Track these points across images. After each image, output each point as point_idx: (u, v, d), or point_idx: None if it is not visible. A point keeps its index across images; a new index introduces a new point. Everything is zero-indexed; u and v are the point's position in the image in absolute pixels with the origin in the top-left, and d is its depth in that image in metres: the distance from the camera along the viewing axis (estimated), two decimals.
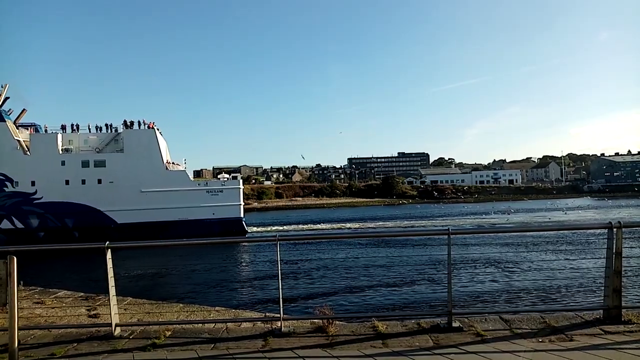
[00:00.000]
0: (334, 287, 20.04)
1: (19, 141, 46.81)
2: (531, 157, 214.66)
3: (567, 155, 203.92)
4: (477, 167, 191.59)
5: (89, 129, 51.37)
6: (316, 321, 6.18)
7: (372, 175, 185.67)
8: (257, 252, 35.13)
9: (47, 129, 50.60)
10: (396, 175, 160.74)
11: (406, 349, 5.03)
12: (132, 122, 50.76)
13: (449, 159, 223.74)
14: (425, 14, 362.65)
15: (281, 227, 58.25)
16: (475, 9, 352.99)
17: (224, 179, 55.58)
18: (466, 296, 16.97)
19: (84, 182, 47.76)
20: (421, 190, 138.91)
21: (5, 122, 46.38)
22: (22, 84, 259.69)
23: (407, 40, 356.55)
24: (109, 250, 5.78)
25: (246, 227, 52.09)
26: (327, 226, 58.55)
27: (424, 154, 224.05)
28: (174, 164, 54.05)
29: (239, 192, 52.73)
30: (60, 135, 49.19)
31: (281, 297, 5.94)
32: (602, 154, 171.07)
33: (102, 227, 45.61)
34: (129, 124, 50.62)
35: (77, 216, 46.87)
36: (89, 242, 7.28)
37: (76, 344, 5.65)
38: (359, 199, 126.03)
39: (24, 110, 52.87)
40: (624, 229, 5.63)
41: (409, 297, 17.73)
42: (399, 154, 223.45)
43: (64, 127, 50.33)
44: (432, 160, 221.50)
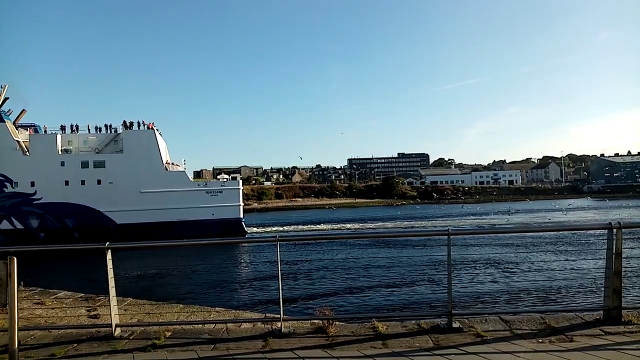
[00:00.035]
0: (334, 288, 20.03)
1: (18, 142, 46.82)
2: (531, 158, 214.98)
3: (567, 155, 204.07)
4: (477, 168, 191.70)
5: (89, 130, 51.40)
6: (316, 322, 6.18)
7: (372, 175, 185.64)
8: (257, 252, 35.13)
9: (46, 130, 50.59)
10: (396, 175, 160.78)
11: (406, 350, 5.03)
12: (132, 123, 50.79)
13: (449, 160, 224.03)
14: (425, 14, 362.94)
15: (281, 228, 58.25)
16: (475, 9, 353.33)
17: (224, 180, 55.61)
18: (466, 297, 16.95)
19: (83, 182, 47.78)
20: (421, 190, 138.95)
21: (4, 122, 46.39)
22: (22, 84, 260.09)
23: (407, 40, 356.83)
24: (109, 250, 5.79)
25: (246, 228, 52.12)
26: (327, 227, 58.59)
27: (424, 154, 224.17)
28: (173, 164, 54.05)
29: (238, 192, 52.72)
30: (59, 135, 49.19)
31: (281, 298, 5.94)
32: (602, 155, 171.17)
33: (101, 228, 45.61)
34: (128, 124, 50.61)
35: (76, 217, 46.89)
36: (89, 243, 7.28)
37: (76, 345, 5.65)
38: (359, 200, 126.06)
39: (23, 110, 52.98)
40: (624, 230, 5.64)
41: (409, 297, 17.72)
42: (398, 154, 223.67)
43: (63, 128, 50.37)
44: (432, 160, 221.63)
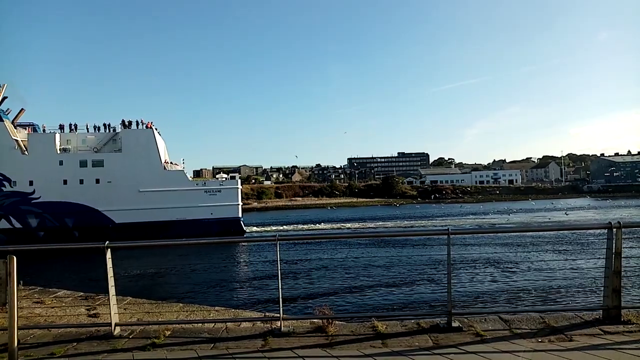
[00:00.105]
0: (333, 287, 20.03)
1: (17, 141, 46.71)
2: (531, 157, 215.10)
3: (567, 155, 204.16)
4: (477, 167, 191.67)
5: (87, 129, 51.34)
6: (316, 321, 6.18)
7: (372, 175, 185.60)
8: (256, 252, 35.14)
9: (45, 129, 50.50)
10: (396, 175, 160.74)
11: (406, 349, 5.03)
12: (130, 122, 50.65)
13: (449, 159, 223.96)
14: (425, 14, 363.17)
15: (281, 227, 58.23)
16: (475, 9, 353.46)
17: (222, 179, 55.58)
18: (466, 296, 16.97)
19: (82, 181, 47.69)
20: (421, 190, 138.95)
21: (3, 121, 46.31)
22: (22, 84, 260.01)
23: (407, 40, 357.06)
24: (109, 249, 5.78)
25: (244, 227, 52.10)
26: (327, 226, 58.56)
27: (424, 154, 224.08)
28: (172, 163, 53.98)
29: (237, 192, 52.64)
30: (58, 135, 49.11)
31: (281, 297, 5.94)
32: (602, 154, 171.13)
33: (100, 227, 45.59)
34: (127, 123, 50.50)
35: (75, 216, 46.85)
36: (88, 242, 7.28)
37: (76, 344, 5.65)
38: (358, 199, 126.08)
39: (22, 109, 52.95)
40: (623, 229, 5.64)
41: (408, 297, 17.73)
42: (398, 154, 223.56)
43: (62, 127, 50.26)
44: (432, 160, 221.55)
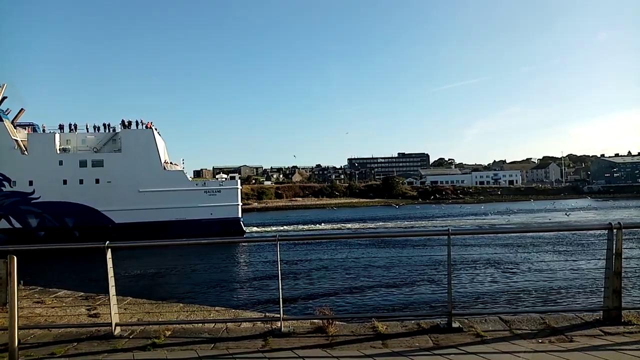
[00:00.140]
0: (333, 288, 20.00)
1: (16, 141, 46.67)
2: (531, 158, 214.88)
3: (567, 155, 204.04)
4: (477, 168, 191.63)
5: (87, 129, 51.29)
6: (316, 321, 6.18)
7: (372, 175, 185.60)
8: (257, 252, 35.13)
9: (44, 129, 50.49)
10: (396, 175, 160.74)
11: (406, 350, 5.03)
12: (130, 122, 50.61)
13: (449, 160, 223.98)
14: (425, 14, 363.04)
15: (281, 227, 58.22)
16: (475, 9, 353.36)
17: (222, 179, 55.57)
18: (466, 297, 16.95)
19: (81, 181, 47.64)
20: (421, 190, 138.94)
21: (2, 121, 46.27)
22: (22, 84, 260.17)
23: (407, 40, 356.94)
24: (109, 250, 5.79)
25: (244, 228, 52.07)
26: (327, 226, 58.55)
27: (424, 154, 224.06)
28: (171, 163, 53.94)
29: (237, 192, 52.57)
30: (58, 135, 49.07)
31: (281, 297, 5.94)
32: (602, 155, 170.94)
33: (99, 227, 45.57)
34: (126, 123, 50.47)
35: (74, 216, 46.84)
36: (89, 242, 7.29)
37: (76, 344, 5.65)
38: (358, 200, 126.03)
39: (22, 109, 52.91)
40: (624, 230, 5.64)
41: (408, 297, 17.70)
42: (399, 154, 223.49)
43: (61, 127, 50.22)
44: (432, 160, 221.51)
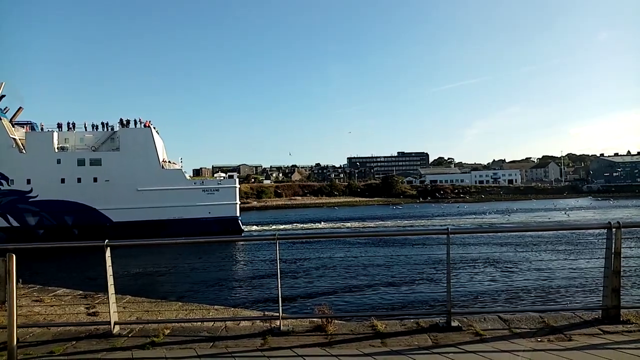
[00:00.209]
0: (333, 286, 20.02)
1: (14, 139, 46.63)
2: (531, 157, 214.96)
3: (566, 155, 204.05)
4: (476, 167, 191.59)
5: (85, 128, 51.22)
6: (315, 320, 6.18)
7: (371, 174, 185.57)
8: (256, 250, 35.14)
9: (43, 127, 50.38)
10: (396, 174, 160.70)
11: (405, 348, 5.03)
12: (128, 121, 50.53)
13: (449, 159, 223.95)
14: (425, 14, 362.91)
15: (280, 226, 58.22)
16: (475, 9, 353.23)
17: (220, 178, 55.54)
18: (465, 296, 16.96)
19: (79, 180, 47.57)
20: (421, 189, 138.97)
21: (1, 120, 46.20)
22: (22, 84, 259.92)
23: (407, 40, 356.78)
24: (108, 248, 5.78)
25: (242, 226, 52.04)
26: (327, 225, 58.57)
27: (424, 153, 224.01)
28: (170, 162, 53.88)
29: (235, 191, 52.53)
30: (56, 133, 49.02)
31: (280, 296, 5.94)
32: (602, 154, 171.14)
33: (97, 226, 45.53)
34: (125, 122, 50.37)
35: (72, 214, 46.79)
36: (88, 241, 7.29)
37: (75, 342, 5.64)
38: (358, 199, 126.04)
39: (20, 108, 52.90)
40: (623, 229, 5.64)
41: (408, 296, 17.71)
42: (398, 153, 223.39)
43: (60, 126, 50.14)
44: (431, 159, 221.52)
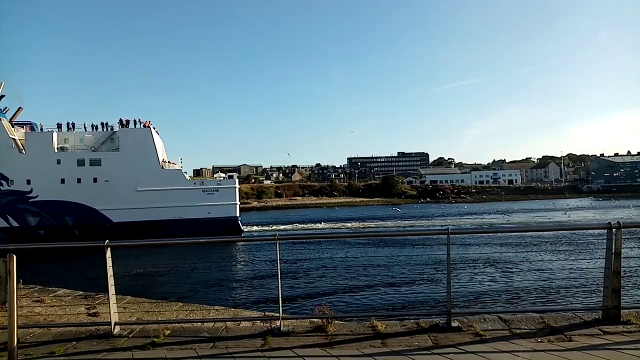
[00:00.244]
0: (333, 287, 20.00)
1: (14, 139, 46.56)
2: (531, 157, 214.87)
3: (566, 155, 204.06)
4: (476, 167, 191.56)
5: (85, 128, 51.16)
6: (315, 320, 6.18)
7: (371, 175, 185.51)
8: (256, 251, 35.13)
9: (42, 128, 50.32)
10: (396, 175, 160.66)
11: (405, 349, 5.03)
12: (128, 121, 50.49)
13: (449, 159, 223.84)
14: (425, 14, 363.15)
15: (281, 227, 58.20)
16: (475, 9, 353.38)
17: (220, 178, 55.51)
18: (465, 296, 16.96)
19: (79, 180, 47.50)
20: (421, 190, 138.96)
21: (0, 120, 46.12)
22: (22, 84, 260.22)
23: (407, 40, 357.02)
24: (109, 249, 5.78)
25: (242, 226, 52.00)
26: (327, 225, 58.54)
27: (424, 153, 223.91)
28: (169, 162, 53.84)
29: (234, 191, 52.46)
30: (55, 133, 48.96)
31: (280, 297, 5.94)
32: (602, 155, 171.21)
33: (97, 226, 45.49)
34: (124, 122, 50.35)
35: (72, 215, 46.75)
36: (88, 241, 7.28)
37: (75, 343, 5.65)
38: (358, 199, 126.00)
39: (19, 108, 52.80)
40: (623, 230, 5.64)
41: (408, 297, 17.69)
42: (398, 153, 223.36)
43: (59, 126, 50.08)
44: (431, 160, 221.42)
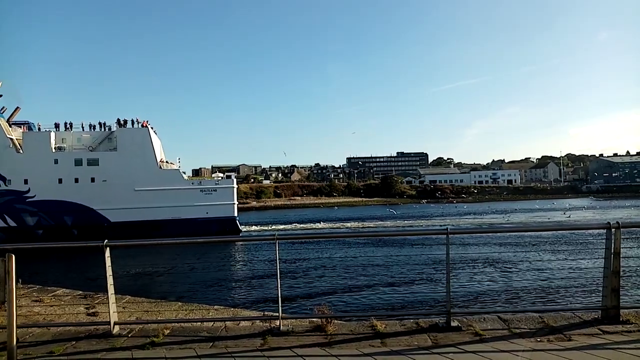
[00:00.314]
0: (332, 287, 20.01)
1: (11, 139, 46.50)
2: (530, 158, 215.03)
3: (566, 155, 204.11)
4: (476, 167, 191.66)
5: (82, 128, 51.03)
6: (315, 320, 6.18)
7: (371, 174, 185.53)
8: (255, 251, 35.14)
9: (40, 127, 50.24)
10: (395, 174, 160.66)
11: (405, 348, 5.04)
12: (126, 121, 50.46)
13: (448, 159, 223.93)
14: (425, 14, 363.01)
15: (280, 226, 58.19)
16: (475, 9, 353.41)
17: (218, 178, 55.47)
18: (465, 296, 16.98)
19: (77, 180, 47.45)
20: (420, 190, 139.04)
21: None
22: (22, 84, 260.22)
23: (407, 40, 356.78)
24: (108, 248, 5.78)
25: (240, 226, 51.95)
26: (326, 225, 58.56)
27: (423, 153, 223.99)
28: (167, 162, 53.77)
29: (232, 191, 52.36)
30: (53, 133, 48.86)
31: (280, 296, 5.95)
32: (601, 155, 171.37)
33: (95, 226, 45.47)
34: (122, 122, 50.30)
35: (70, 214, 46.71)
36: (87, 241, 7.28)
37: (75, 342, 5.64)
38: (357, 199, 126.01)
39: (17, 108, 52.68)
40: (622, 230, 5.65)
41: (407, 296, 17.71)
42: (398, 153, 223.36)
43: (57, 126, 50.00)
44: (431, 160, 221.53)
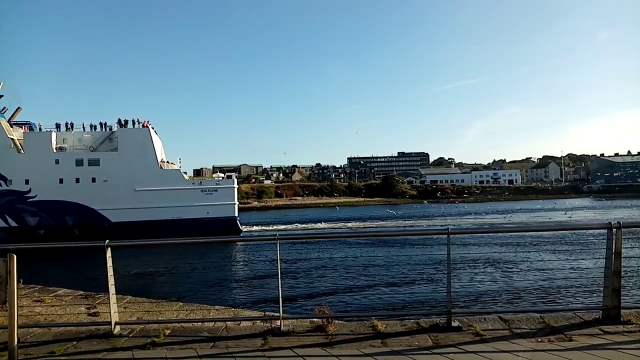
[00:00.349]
0: (333, 287, 20.02)
1: (12, 139, 46.54)
2: (531, 157, 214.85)
3: (566, 155, 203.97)
4: (476, 167, 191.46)
5: (83, 128, 51.14)
6: (315, 320, 6.18)
7: (371, 174, 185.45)
8: (256, 251, 35.14)
9: (41, 128, 50.30)
10: (396, 174, 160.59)
11: (405, 349, 5.03)
12: (127, 121, 50.51)
13: (449, 159, 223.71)
14: (425, 14, 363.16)
15: (281, 226, 58.19)
16: (475, 9, 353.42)
17: (219, 178, 55.51)
18: (465, 296, 16.97)
19: (78, 180, 47.50)
20: (421, 190, 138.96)
21: None
22: (22, 84, 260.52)
23: (407, 40, 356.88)
24: (109, 248, 5.78)
25: (240, 226, 51.98)
26: (327, 225, 58.54)
27: (424, 153, 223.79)
28: (168, 162, 53.82)
29: (233, 191, 52.41)
30: (54, 133, 48.95)
31: (280, 296, 5.94)
32: (602, 155, 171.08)
33: (95, 226, 45.52)
34: (123, 122, 50.36)
35: (71, 214, 46.76)
36: (88, 241, 7.29)
37: (76, 342, 5.65)
38: (358, 199, 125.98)
39: (18, 108, 52.75)
40: (623, 230, 5.64)
41: (408, 296, 17.71)
42: (398, 153, 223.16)
43: (58, 126, 50.08)
44: (431, 160, 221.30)
